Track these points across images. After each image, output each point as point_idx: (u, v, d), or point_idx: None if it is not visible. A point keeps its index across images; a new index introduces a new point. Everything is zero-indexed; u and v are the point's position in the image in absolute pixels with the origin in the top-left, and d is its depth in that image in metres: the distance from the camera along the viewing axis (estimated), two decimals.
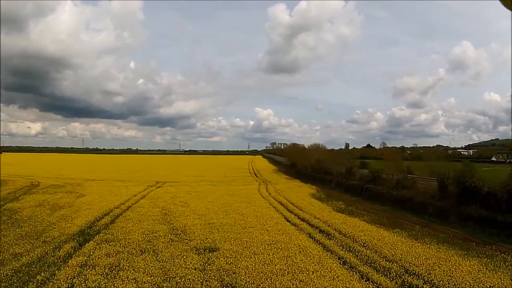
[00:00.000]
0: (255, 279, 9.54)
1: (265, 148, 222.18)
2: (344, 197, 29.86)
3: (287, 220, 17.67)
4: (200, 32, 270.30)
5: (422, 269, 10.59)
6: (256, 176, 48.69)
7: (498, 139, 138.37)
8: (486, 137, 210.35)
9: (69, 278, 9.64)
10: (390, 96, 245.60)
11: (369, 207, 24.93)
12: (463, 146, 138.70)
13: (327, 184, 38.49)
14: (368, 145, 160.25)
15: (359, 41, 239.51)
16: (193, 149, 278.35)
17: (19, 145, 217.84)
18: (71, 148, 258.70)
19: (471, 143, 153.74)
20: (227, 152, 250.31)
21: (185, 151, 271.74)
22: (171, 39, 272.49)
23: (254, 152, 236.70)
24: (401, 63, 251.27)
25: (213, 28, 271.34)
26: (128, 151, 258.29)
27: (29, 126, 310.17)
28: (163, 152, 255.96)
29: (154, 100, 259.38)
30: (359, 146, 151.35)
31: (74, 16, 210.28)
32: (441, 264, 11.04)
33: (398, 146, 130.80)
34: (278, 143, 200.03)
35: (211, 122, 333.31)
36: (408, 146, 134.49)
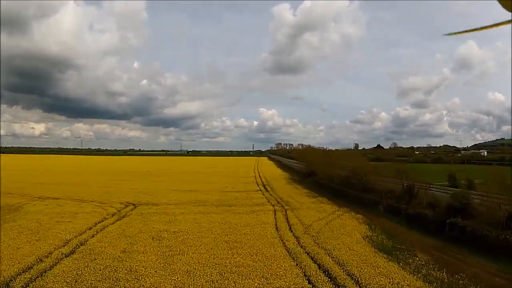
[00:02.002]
0: None
1: (269, 149, 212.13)
2: (415, 239, 18.32)
3: None
4: (204, 32, 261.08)
5: None
6: (267, 190, 37.15)
7: (504, 138, 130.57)
8: (489, 137, 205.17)
9: None
10: (394, 96, 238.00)
11: (478, 270, 13.52)
12: (468, 146, 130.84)
13: (369, 207, 27.02)
14: (378, 146, 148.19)
15: (363, 41, 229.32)
16: (197, 150, 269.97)
17: (21, 146, 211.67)
18: (74, 149, 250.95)
19: (476, 143, 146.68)
20: (231, 153, 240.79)
21: (188, 151, 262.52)
22: (175, 39, 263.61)
23: (259, 153, 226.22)
24: (405, 63, 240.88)
25: (217, 28, 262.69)
26: (130, 152, 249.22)
27: (33, 126, 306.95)
28: (165, 153, 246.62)
29: (158, 101, 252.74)
30: (364, 146, 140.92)
31: (77, 17, 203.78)
32: None
33: (405, 147, 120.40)
34: (284, 144, 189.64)
35: (215, 122, 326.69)
36: (415, 147, 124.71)
